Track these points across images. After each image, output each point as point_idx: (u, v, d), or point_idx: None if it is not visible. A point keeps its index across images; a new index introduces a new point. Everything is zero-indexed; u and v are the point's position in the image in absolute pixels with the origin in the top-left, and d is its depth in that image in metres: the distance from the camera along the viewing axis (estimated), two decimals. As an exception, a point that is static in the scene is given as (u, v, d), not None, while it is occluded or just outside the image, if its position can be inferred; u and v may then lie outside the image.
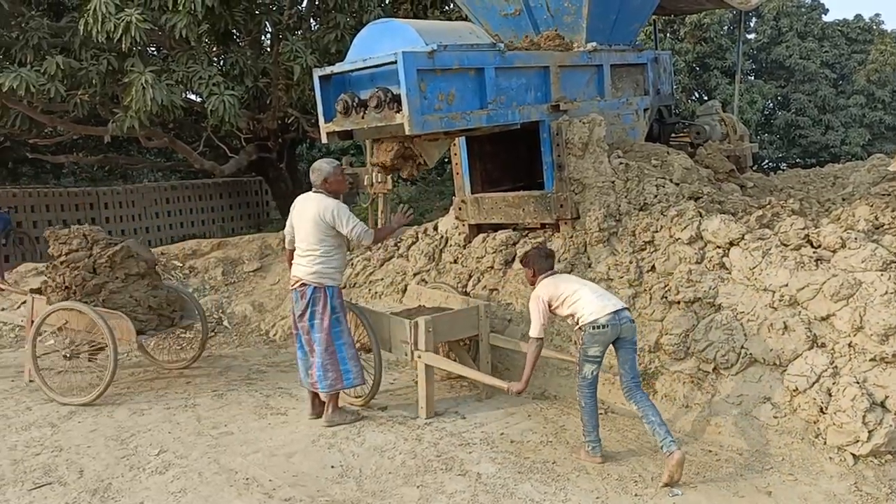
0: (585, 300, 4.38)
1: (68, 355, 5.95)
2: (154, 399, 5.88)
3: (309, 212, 5.02)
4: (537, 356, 4.56)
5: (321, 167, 5.12)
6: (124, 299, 5.91)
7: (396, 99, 4.98)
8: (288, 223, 5.31)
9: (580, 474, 4.33)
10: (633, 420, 4.61)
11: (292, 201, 5.35)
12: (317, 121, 9.29)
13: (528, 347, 4.56)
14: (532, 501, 4.04)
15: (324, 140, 5.60)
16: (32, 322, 6.13)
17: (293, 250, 5.26)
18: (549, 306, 4.49)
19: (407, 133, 4.98)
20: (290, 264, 5.31)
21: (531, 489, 4.17)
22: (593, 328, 4.29)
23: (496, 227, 6.73)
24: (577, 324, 4.41)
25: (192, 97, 10.91)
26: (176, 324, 6.38)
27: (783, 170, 13.07)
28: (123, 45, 8.16)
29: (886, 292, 4.43)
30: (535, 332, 4.49)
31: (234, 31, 9.57)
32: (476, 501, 4.04)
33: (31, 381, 6.15)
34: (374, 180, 5.56)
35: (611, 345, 4.39)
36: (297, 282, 5.11)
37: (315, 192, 5.09)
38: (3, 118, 10.04)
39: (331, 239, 5.04)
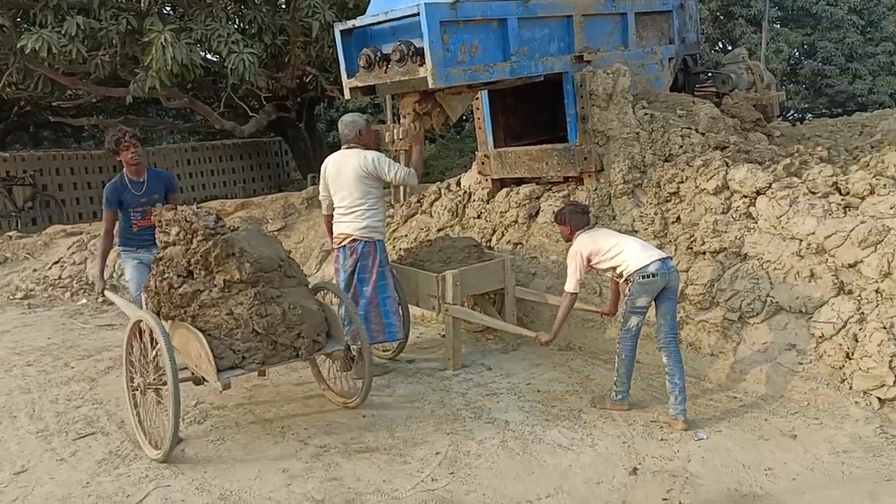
0: (629, 251, 4.37)
1: (141, 388, 4.28)
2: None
3: (348, 167, 5.02)
4: (569, 310, 4.59)
5: (354, 120, 5.13)
6: (220, 317, 4.09)
7: (419, 52, 4.96)
8: (322, 187, 5.26)
9: (607, 421, 4.41)
10: (659, 369, 4.66)
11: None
12: (335, 79, 9.19)
13: (563, 301, 4.59)
14: (560, 446, 4.12)
15: (347, 96, 5.60)
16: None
17: (330, 215, 5.25)
18: (588, 261, 4.50)
19: (430, 86, 4.96)
20: (329, 229, 5.30)
21: (559, 435, 4.26)
22: (643, 277, 4.28)
23: (519, 182, 6.73)
24: (622, 276, 4.41)
25: (210, 57, 10.89)
26: (303, 355, 4.27)
27: (809, 120, 12.86)
28: (142, 4, 8.14)
29: (916, 238, 4.41)
30: (570, 286, 4.52)
31: (251, -14, 9.51)
32: (506, 447, 4.14)
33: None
34: (395, 137, 5.56)
35: None
36: (345, 238, 5.09)
37: (348, 147, 5.10)
38: (26, 81, 10.10)
39: (375, 191, 5.06)
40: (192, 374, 4.33)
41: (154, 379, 4.18)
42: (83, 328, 7.07)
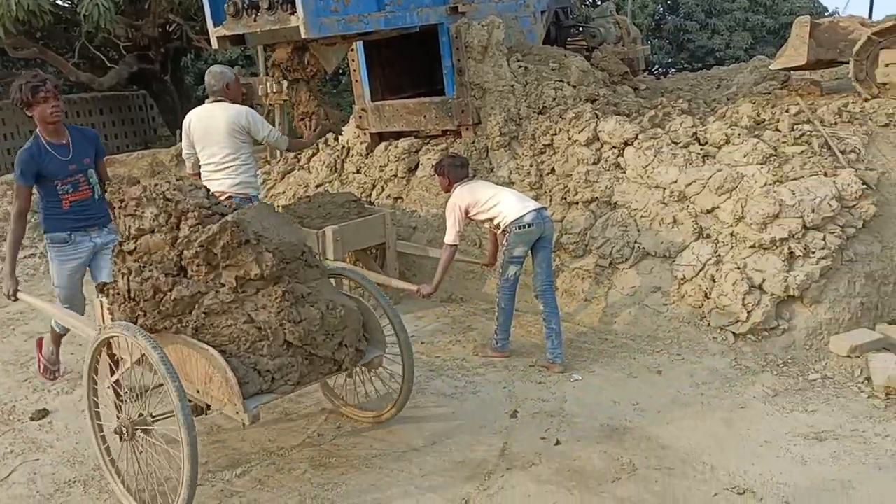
0: (506, 203, 4.46)
1: (126, 431, 3.23)
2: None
3: (217, 121, 4.76)
4: (450, 262, 4.66)
5: (223, 72, 4.87)
6: (235, 327, 3.13)
7: (290, 0, 4.77)
8: (185, 144, 4.96)
9: (488, 368, 4.55)
10: (536, 316, 4.84)
11: (180, 115, 5.07)
12: (202, 28, 8.67)
13: (442, 253, 4.65)
14: (444, 395, 4.23)
15: (214, 46, 5.32)
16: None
17: (197, 173, 5.00)
18: (467, 213, 4.56)
19: (303, 36, 4.80)
20: None
21: (442, 384, 4.36)
22: (519, 228, 4.38)
23: (398, 135, 6.69)
24: (500, 227, 4.50)
25: (60, 2, 10.04)
26: (346, 368, 3.42)
27: (672, 74, 13.51)
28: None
29: (765, 183, 4.76)
30: (450, 238, 4.57)
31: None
32: (390, 398, 4.18)
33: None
34: (268, 90, 5.37)
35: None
36: (219, 196, 4.90)
37: (214, 101, 4.85)
38: None
39: (246, 146, 4.84)
40: (189, 401, 3.25)
41: (141, 416, 3.20)
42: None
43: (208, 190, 3.45)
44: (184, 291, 3.11)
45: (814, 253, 4.54)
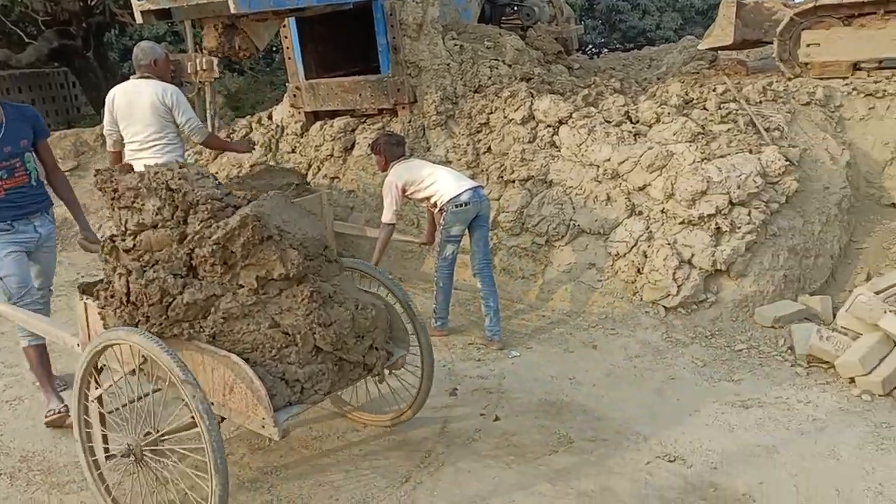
0: (443, 181, 4.45)
1: (135, 453, 2.89)
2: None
3: (143, 98, 4.56)
4: (387, 241, 4.64)
5: (153, 47, 4.68)
6: (258, 333, 2.82)
7: (218, -27, 4.61)
8: (107, 120, 4.72)
9: (428, 347, 4.57)
10: (475, 294, 4.87)
11: (104, 93, 4.82)
12: (125, 2, 8.34)
13: (380, 232, 4.62)
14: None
15: (138, 20, 5.08)
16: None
17: (119, 152, 4.80)
18: (404, 192, 4.54)
19: (232, 11, 4.63)
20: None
21: (382, 364, 4.35)
22: (455, 206, 4.39)
23: (333, 114, 6.60)
24: (436, 205, 4.50)
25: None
26: (376, 371, 3.13)
27: (605, 54, 13.72)
28: None
29: (694, 161, 4.89)
30: (387, 217, 4.55)
31: None
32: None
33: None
34: (198, 67, 5.18)
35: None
36: None
37: (141, 76, 4.66)
38: None
39: (172, 125, 4.64)
40: None
41: (148, 433, 2.83)
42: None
43: (216, 178, 3.09)
44: (197, 294, 2.77)
45: (739, 228, 4.70)
